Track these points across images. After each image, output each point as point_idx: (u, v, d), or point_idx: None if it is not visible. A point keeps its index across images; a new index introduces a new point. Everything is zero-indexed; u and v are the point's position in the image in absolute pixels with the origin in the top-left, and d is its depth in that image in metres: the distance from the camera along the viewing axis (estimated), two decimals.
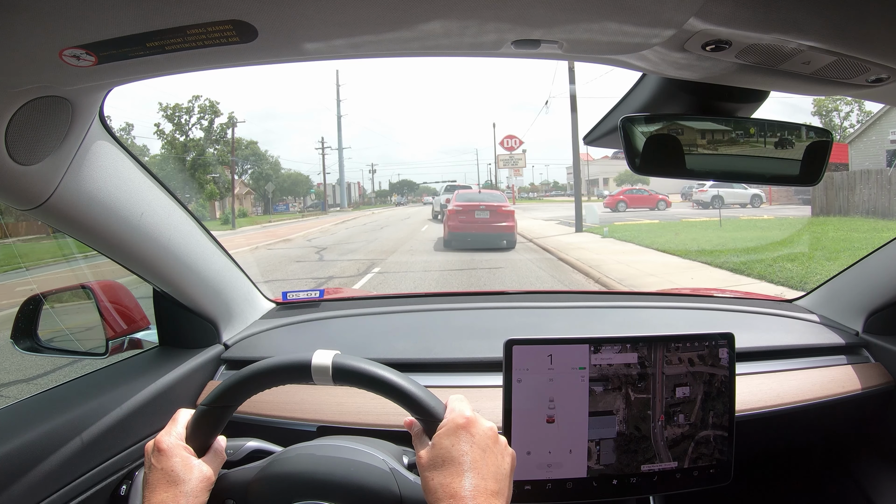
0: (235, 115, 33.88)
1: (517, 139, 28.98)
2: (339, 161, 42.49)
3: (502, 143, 28.91)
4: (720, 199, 20.20)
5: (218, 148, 30.26)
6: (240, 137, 35.61)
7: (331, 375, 0.67)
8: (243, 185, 35.22)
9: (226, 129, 30.65)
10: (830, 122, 27.35)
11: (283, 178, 40.68)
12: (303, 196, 44.52)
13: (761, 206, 21.08)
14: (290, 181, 42.00)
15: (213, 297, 1.16)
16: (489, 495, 0.60)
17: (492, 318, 1.38)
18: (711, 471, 0.89)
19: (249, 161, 36.73)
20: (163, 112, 29.14)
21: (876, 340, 1.20)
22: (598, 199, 43.78)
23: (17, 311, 1.13)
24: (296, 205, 42.85)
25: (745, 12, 0.49)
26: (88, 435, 0.87)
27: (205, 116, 30.00)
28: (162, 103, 29.63)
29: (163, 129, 29.37)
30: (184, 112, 29.56)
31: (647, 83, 0.74)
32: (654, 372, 0.87)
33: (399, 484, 0.70)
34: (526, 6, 0.50)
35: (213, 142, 30.27)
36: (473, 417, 0.65)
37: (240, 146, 34.52)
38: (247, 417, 1.02)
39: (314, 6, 0.49)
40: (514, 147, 28.70)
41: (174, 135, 29.32)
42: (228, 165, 30.44)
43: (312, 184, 44.81)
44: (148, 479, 0.64)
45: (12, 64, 0.55)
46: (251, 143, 37.74)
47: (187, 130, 29.70)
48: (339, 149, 42.82)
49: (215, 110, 30.10)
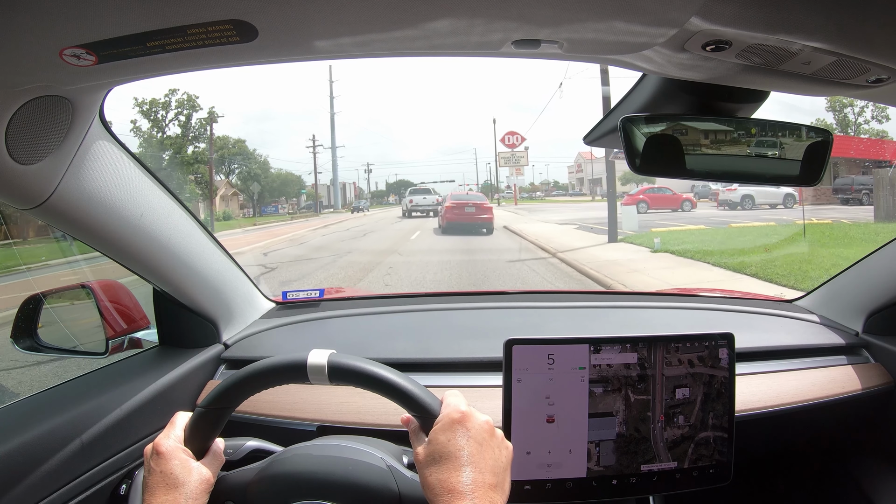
0: (216, 110, 31.13)
1: (519, 136, 27.83)
2: (333, 160, 40.11)
3: (503, 139, 27.74)
4: (751, 199, 18.29)
5: (198, 146, 28.55)
6: (227, 135, 33.71)
7: (327, 375, 0.67)
8: (229, 185, 33.35)
9: (205, 125, 28.01)
10: (845, 119, 26.00)
11: (272, 179, 38.19)
12: (294, 197, 42.06)
13: (794, 206, 18.22)
14: (279, 181, 39.35)
15: (212, 297, 1.16)
16: (487, 489, 0.60)
17: (492, 318, 1.38)
18: (711, 471, 0.89)
19: (237, 160, 34.39)
20: (139, 108, 26.59)
21: (876, 341, 1.20)
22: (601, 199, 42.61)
23: (16, 310, 1.13)
24: (286, 206, 40.25)
25: (746, 12, 0.49)
26: (88, 434, 0.87)
27: (182, 111, 27.45)
28: (137, 98, 27.33)
29: (139, 127, 26.91)
30: (160, 107, 27.00)
31: (647, 83, 0.74)
32: (653, 373, 0.87)
33: (398, 481, 0.70)
34: (526, 5, 0.50)
35: (193, 139, 28.34)
36: (469, 412, 0.66)
37: (226, 144, 32.64)
38: (247, 417, 1.02)
39: (313, 6, 0.49)
40: (515, 144, 27.62)
41: (151, 132, 26.99)
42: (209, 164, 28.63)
43: (305, 184, 42.20)
44: (147, 482, 0.65)
45: (12, 63, 0.55)
46: (238, 141, 35.26)
47: (164, 127, 27.23)
48: (332, 147, 40.09)
49: (193, 105, 27.65)
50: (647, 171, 0.74)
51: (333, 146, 40.19)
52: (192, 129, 28.19)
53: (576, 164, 52.33)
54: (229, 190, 32.65)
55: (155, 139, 27.04)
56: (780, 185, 0.77)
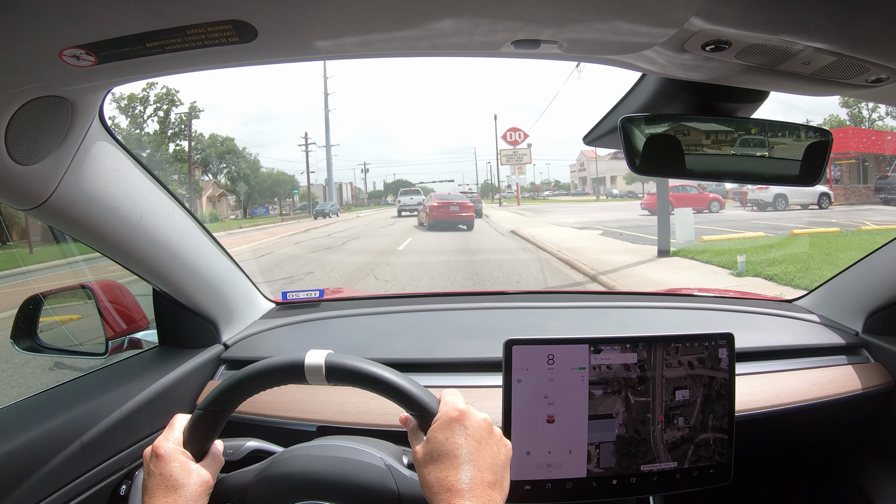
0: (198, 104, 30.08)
1: (521, 132, 26.62)
2: (328, 159, 37.78)
3: (505, 136, 26.48)
4: (784, 199, 16.94)
5: (179, 143, 27.14)
6: (215, 133, 32.13)
7: (324, 375, 0.67)
8: (217, 185, 31.44)
9: (186, 121, 26.31)
10: (859, 113, 25.48)
11: (262, 178, 35.79)
12: (288, 197, 39.51)
13: (829, 206, 16.88)
14: (270, 181, 36.81)
15: (212, 297, 1.16)
16: (486, 487, 0.60)
17: (492, 318, 1.38)
18: (711, 471, 0.89)
19: (225, 160, 32.02)
20: (116, 104, 25.04)
21: (876, 340, 1.20)
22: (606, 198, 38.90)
23: (16, 311, 1.13)
24: (275, 208, 37.76)
25: (746, 12, 0.49)
26: (88, 435, 0.87)
27: (161, 107, 26.35)
28: (115, 93, 25.92)
29: (118, 123, 25.01)
30: (138, 102, 25.82)
31: (647, 83, 0.74)
32: (653, 375, 0.87)
33: (397, 481, 0.70)
34: (526, 6, 0.50)
35: (173, 136, 26.71)
36: (467, 410, 0.65)
37: (214, 143, 30.82)
38: (248, 418, 1.02)
39: (312, 6, 0.49)
40: (518, 141, 26.47)
41: (130, 129, 25.43)
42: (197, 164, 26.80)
43: (299, 184, 39.57)
44: (147, 484, 0.65)
45: (12, 64, 0.55)
46: (227, 139, 32.95)
47: (142, 124, 26.15)
48: (326, 146, 37.70)
49: (172, 99, 26.56)
50: (646, 172, 0.74)
51: (328, 145, 37.96)
52: (172, 125, 26.96)
53: (578, 163, 51.22)
54: (217, 190, 31.29)
55: (134, 136, 25.68)
56: (780, 185, 0.77)
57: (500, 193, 38.92)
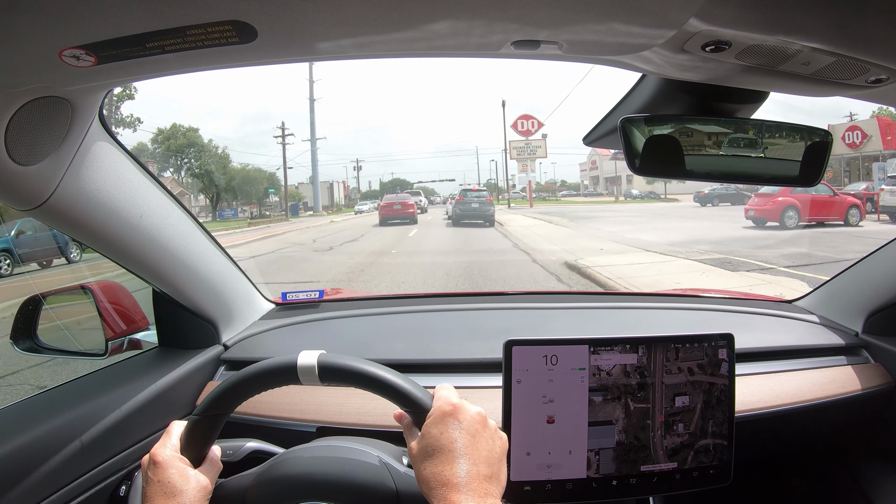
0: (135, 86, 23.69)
1: (535, 121, 22.81)
2: (312, 155, 33.33)
3: (515, 125, 22.78)
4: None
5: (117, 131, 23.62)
6: (178, 123, 27.37)
7: (317, 375, 0.67)
8: (177, 184, 27.03)
9: (118, 104, 22.03)
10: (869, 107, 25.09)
11: (232, 174, 30.45)
12: (264, 197, 34.05)
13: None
14: (241, 178, 31.37)
15: (212, 298, 1.16)
16: (482, 480, 0.60)
17: (491, 319, 1.38)
18: (711, 472, 0.89)
19: (188, 154, 27.64)
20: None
21: (876, 341, 1.20)
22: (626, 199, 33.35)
23: (16, 311, 1.13)
24: (246, 209, 32.27)
25: (746, 13, 0.49)
26: (88, 435, 0.87)
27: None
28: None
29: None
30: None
31: (647, 84, 0.74)
32: (653, 381, 0.87)
33: (394, 478, 0.70)
34: (525, 7, 0.50)
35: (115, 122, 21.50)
36: (460, 404, 0.65)
37: (175, 135, 26.03)
38: (247, 419, 1.02)
39: (312, 7, 0.49)
40: (531, 131, 22.98)
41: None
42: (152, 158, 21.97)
43: (278, 181, 33.67)
44: (146, 492, 0.65)
45: (12, 64, 0.55)
46: (190, 129, 28.09)
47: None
48: (311, 139, 32.71)
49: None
50: (646, 172, 0.74)
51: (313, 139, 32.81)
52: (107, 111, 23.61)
53: (589, 161, 47.91)
54: (175, 188, 27.72)
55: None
56: (780, 185, 0.78)
57: (509, 193, 33.89)
